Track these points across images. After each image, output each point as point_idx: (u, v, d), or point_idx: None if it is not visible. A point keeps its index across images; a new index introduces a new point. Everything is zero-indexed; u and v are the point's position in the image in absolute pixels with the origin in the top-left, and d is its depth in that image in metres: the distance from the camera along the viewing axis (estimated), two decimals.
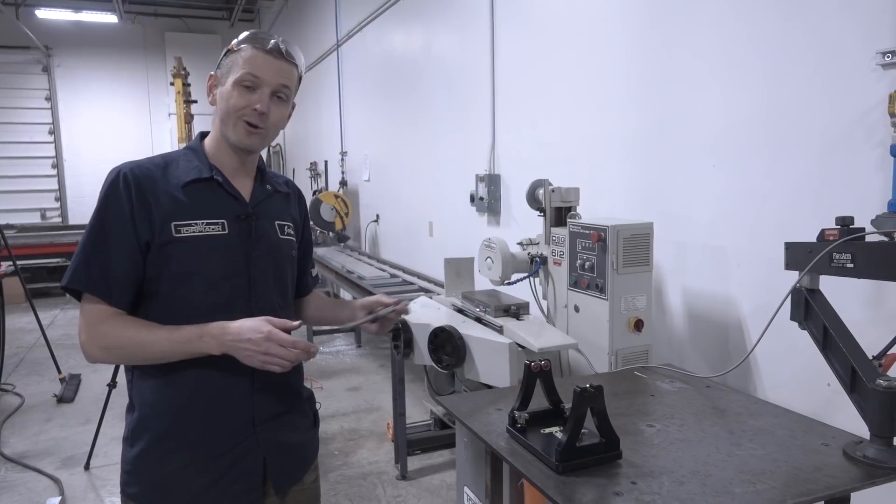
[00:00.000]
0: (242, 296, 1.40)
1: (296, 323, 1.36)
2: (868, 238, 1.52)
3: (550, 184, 2.72)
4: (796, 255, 1.67)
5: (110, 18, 10.46)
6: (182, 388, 1.38)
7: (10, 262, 5.34)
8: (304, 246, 1.66)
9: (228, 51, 1.43)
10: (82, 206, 10.93)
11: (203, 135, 1.51)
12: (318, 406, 1.69)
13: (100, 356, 1.35)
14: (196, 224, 1.36)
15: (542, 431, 1.60)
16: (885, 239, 1.51)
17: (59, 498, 3.36)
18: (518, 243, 2.87)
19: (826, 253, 1.56)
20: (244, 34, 1.43)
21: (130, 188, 1.33)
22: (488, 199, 4.15)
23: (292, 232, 1.56)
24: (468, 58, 4.43)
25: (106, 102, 11.45)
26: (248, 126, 1.39)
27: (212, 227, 1.38)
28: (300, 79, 1.48)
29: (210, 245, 1.37)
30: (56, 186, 11.23)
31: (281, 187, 1.58)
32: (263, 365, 1.30)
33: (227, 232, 1.39)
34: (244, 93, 1.37)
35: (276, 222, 1.51)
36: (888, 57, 1.84)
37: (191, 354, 1.33)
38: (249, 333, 1.29)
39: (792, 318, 1.68)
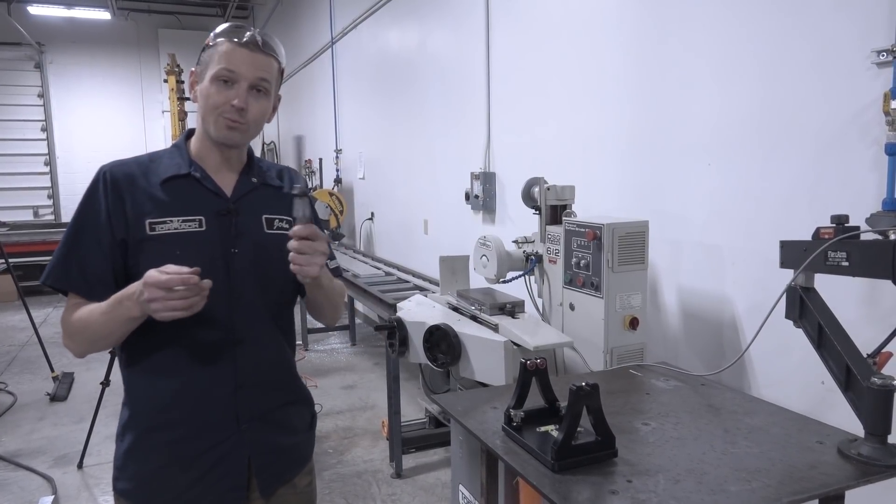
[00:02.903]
0: (222, 293, 1.36)
1: (186, 269, 1.21)
2: (863, 236, 1.53)
3: (546, 182, 2.72)
4: (791, 253, 1.67)
5: (103, 15, 10.36)
6: (166, 386, 1.37)
7: (3, 260, 5.31)
8: None
9: (206, 46, 1.39)
10: (75, 204, 10.25)
11: (191, 132, 1.49)
12: (318, 408, 1.65)
13: (70, 345, 1.37)
14: (172, 221, 1.34)
15: (537, 430, 1.60)
16: (880, 237, 1.51)
17: (52, 497, 3.34)
18: (513, 241, 2.86)
19: (821, 251, 1.56)
20: (220, 27, 1.39)
21: (108, 185, 1.35)
22: (483, 196, 4.14)
23: (285, 225, 1.47)
24: (463, 55, 4.42)
25: (99, 99, 11.38)
26: (229, 122, 1.36)
27: (188, 223, 1.36)
28: (282, 71, 1.45)
29: (186, 242, 1.35)
30: (49, 184, 11.16)
31: (273, 180, 1.52)
32: (165, 313, 1.21)
33: (204, 229, 1.37)
34: (222, 88, 1.34)
35: (264, 216, 1.46)
36: (883, 55, 1.85)
37: (124, 321, 1.28)
38: (139, 286, 1.22)
39: (787, 317, 1.69)
